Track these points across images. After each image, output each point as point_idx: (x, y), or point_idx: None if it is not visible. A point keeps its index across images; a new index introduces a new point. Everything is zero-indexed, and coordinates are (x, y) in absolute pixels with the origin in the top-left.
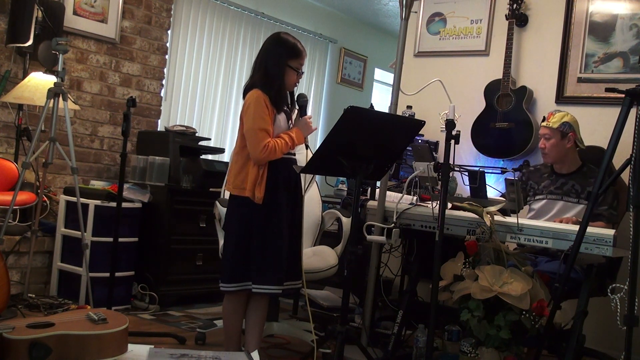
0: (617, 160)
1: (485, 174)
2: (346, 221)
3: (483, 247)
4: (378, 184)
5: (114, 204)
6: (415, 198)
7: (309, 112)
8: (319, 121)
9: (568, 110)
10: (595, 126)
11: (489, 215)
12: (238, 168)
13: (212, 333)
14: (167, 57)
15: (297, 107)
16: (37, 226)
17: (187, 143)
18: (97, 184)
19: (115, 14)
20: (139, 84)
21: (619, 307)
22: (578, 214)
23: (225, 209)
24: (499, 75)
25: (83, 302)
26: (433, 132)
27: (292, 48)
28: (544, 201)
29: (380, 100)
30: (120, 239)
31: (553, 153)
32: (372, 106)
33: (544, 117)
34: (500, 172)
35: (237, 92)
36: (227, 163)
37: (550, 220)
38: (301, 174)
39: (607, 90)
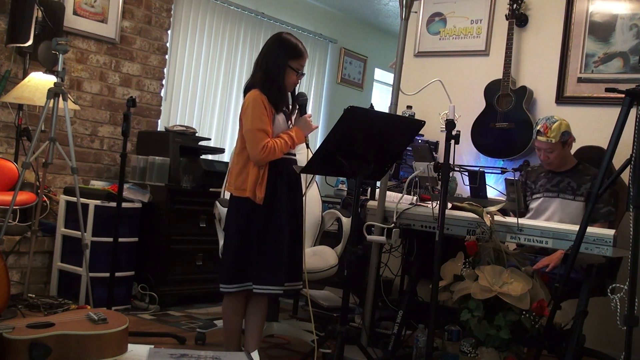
0: (617, 160)
1: (485, 174)
2: (346, 221)
3: (483, 247)
4: (378, 184)
5: (114, 204)
6: (415, 198)
7: (309, 110)
8: (319, 121)
9: (568, 111)
10: (595, 126)
11: (489, 215)
12: (239, 169)
13: (212, 333)
14: (167, 57)
15: (296, 106)
16: (37, 226)
17: (187, 143)
18: (97, 184)
19: (115, 14)
20: (139, 84)
21: (619, 307)
22: (574, 210)
23: (225, 209)
24: (499, 75)
25: (83, 302)
26: (433, 132)
27: (293, 48)
28: (540, 199)
29: (380, 100)
30: (120, 239)
31: (557, 162)
32: (372, 106)
33: (539, 130)
34: (500, 172)
35: (237, 92)
36: (227, 163)
37: (549, 219)
38: (301, 174)
39: (607, 90)
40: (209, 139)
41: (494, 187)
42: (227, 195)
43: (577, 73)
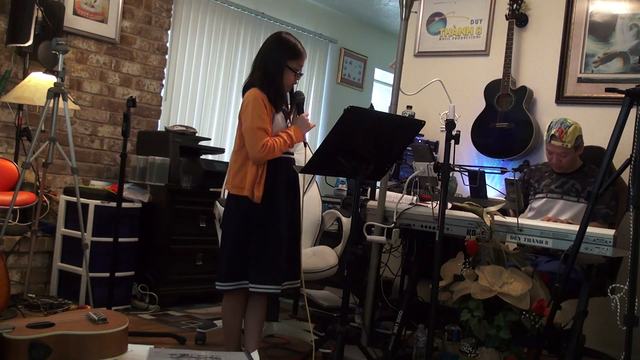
0: (617, 160)
1: (485, 174)
2: (346, 221)
3: (483, 247)
4: (378, 184)
5: (114, 204)
6: (415, 198)
7: (307, 110)
8: (319, 121)
9: (568, 111)
10: (595, 126)
11: (489, 215)
12: (237, 167)
13: (212, 333)
14: (167, 57)
15: (294, 105)
16: (37, 226)
17: (187, 143)
18: (97, 184)
19: (115, 14)
20: (139, 84)
21: (619, 307)
22: (578, 213)
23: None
24: (499, 75)
25: (83, 302)
26: (433, 132)
27: (293, 49)
28: (543, 200)
29: (380, 100)
30: (120, 239)
31: (568, 165)
32: (372, 106)
33: (554, 135)
34: (500, 172)
35: (237, 92)
36: (227, 163)
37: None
38: (300, 174)
39: (607, 90)
40: (209, 139)
41: (494, 187)
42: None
43: (577, 73)
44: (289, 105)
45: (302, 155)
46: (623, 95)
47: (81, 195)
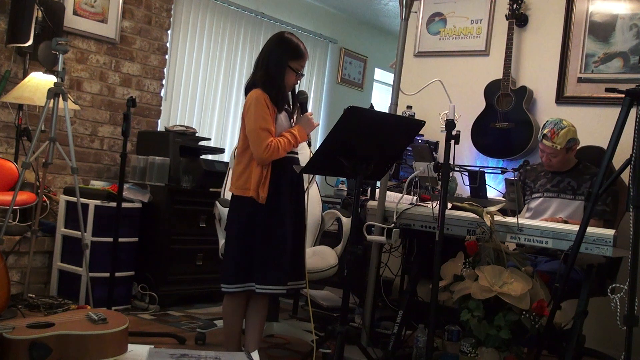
0: (617, 160)
1: (485, 174)
2: (346, 221)
3: (483, 247)
4: (378, 184)
5: (114, 204)
6: (415, 198)
7: (310, 109)
8: (319, 121)
9: (568, 111)
10: (595, 126)
11: (489, 215)
12: (241, 169)
13: (212, 333)
14: (167, 57)
15: (297, 104)
16: (37, 226)
17: (187, 143)
18: (97, 184)
19: (115, 14)
20: (139, 84)
21: (619, 307)
22: (574, 211)
23: (225, 209)
24: (499, 75)
25: (83, 302)
26: (433, 132)
27: (294, 49)
28: (540, 199)
29: (380, 100)
30: (120, 239)
31: (558, 165)
32: (372, 106)
33: (546, 134)
34: (500, 172)
35: (237, 92)
36: (227, 163)
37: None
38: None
39: (607, 90)
40: (209, 139)
41: (494, 187)
42: (227, 195)
43: (577, 73)
44: (292, 105)
45: (305, 155)
46: (623, 95)
47: (81, 195)
